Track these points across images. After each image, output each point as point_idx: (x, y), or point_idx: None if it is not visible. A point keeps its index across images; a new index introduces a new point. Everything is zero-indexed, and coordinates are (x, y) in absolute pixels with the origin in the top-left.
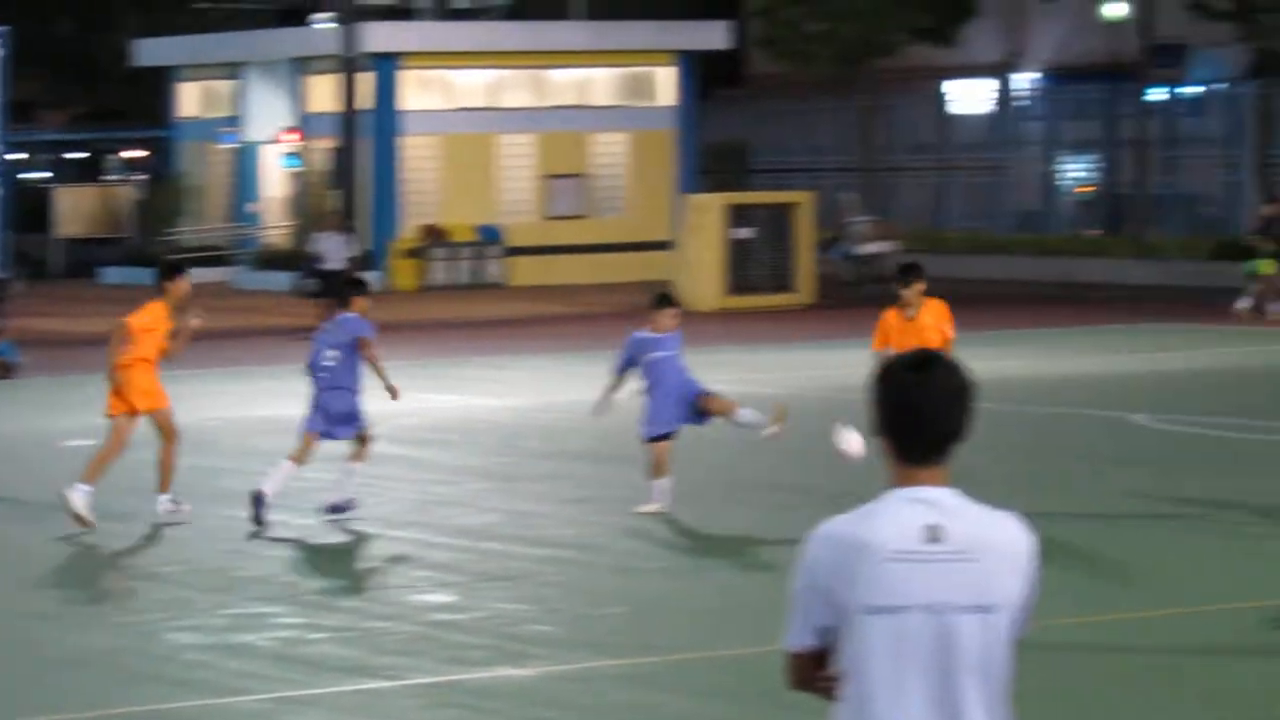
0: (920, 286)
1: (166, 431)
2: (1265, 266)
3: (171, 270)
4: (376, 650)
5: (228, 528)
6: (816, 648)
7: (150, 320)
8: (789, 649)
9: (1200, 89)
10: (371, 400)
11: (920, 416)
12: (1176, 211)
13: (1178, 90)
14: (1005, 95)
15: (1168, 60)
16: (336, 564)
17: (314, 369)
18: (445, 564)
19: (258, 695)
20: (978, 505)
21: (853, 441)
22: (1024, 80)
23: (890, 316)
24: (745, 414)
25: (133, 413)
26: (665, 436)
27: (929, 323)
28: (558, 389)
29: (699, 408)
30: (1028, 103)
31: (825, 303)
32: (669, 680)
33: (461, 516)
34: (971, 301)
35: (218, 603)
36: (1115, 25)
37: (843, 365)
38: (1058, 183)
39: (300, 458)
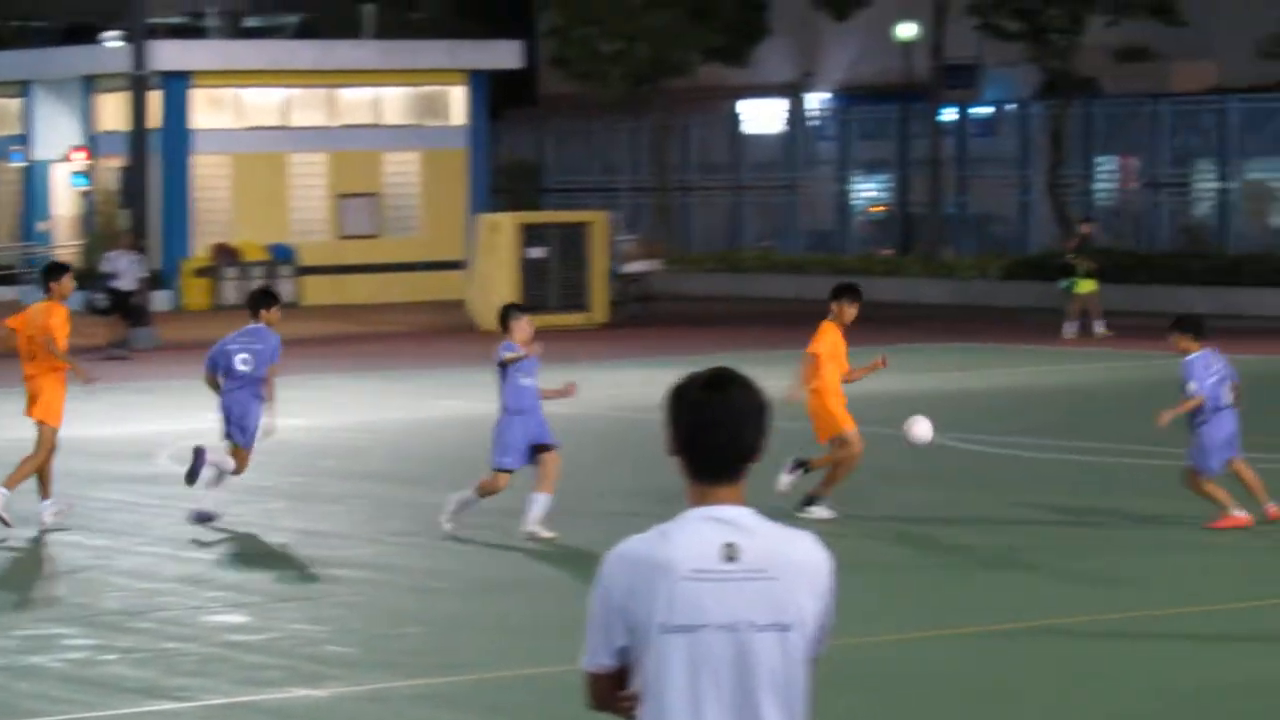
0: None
1: (43, 446)
2: (1084, 285)
3: (57, 270)
4: (170, 671)
5: (21, 549)
6: (615, 667)
7: (64, 324)
8: (587, 669)
9: (991, 109)
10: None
11: (713, 435)
12: (969, 231)
13: (970, 110)
14: (798, 115)
15: (959, 80)
16: (130, 585)
17: (227, 375)
18: (240, 584)
19: (48, 717)
20: (774, 524)
21: (921, 430)
22: (817, 100)
23: (833, 329)
24: (538, 506)
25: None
26: (511, 470)
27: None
28: (351, 409)
29: (534, 458)
30: (820, 123)
31: (618, 322)
32: (467, 699)
33: (256, 537)
34: (768, 321)
35: (8, 624)
36: (907, 45)
37: (636, 384)
38: (851, 202)
39: (238, 469)
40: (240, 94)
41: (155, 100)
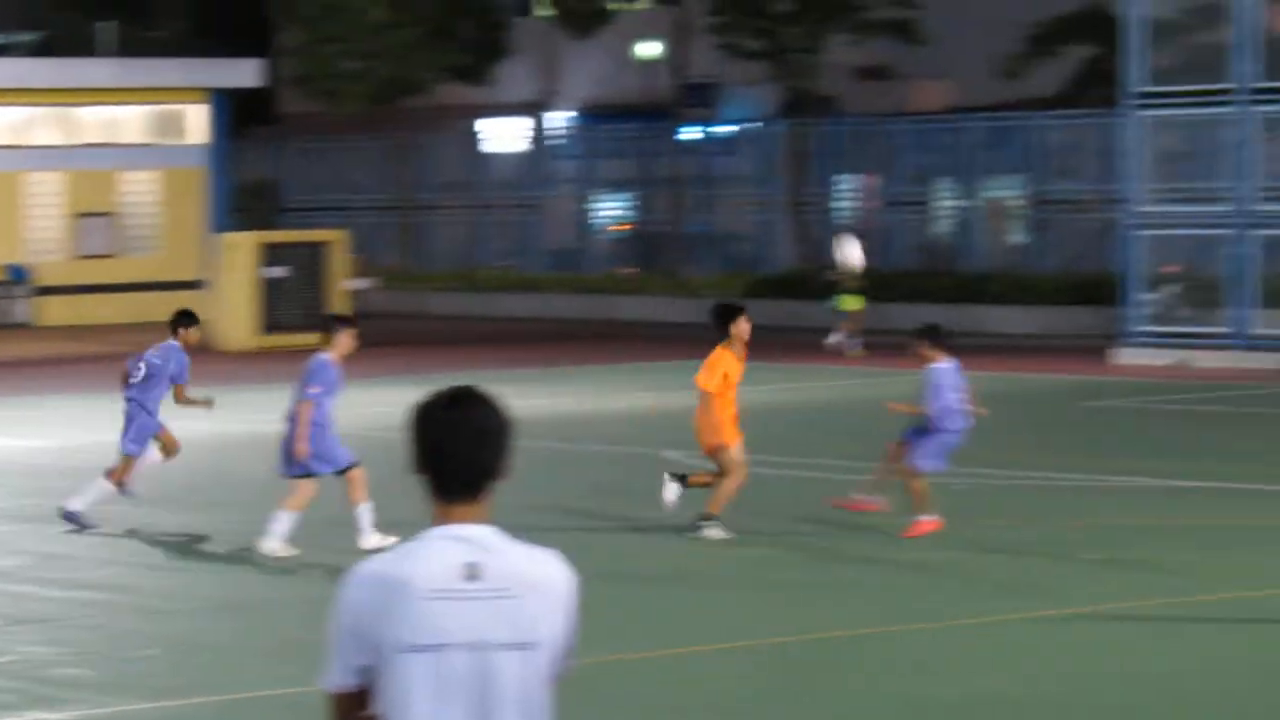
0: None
1: None
2: (850, 302)
3: None
4: None
5: None
6: (357, 687)
7: None
8: (328, 689)
9: (734, 128)
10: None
11: (455, 454)
12: (711, 250)
13: (711, 129)
14: (539, 134)
15: (700, 99)
16: None
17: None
18: None
19: None
20: (518, 542)
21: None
22: (559, 119)
23: (726, 354)
24: (365, 516)
25: None
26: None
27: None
28: (87, 430)
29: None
30: (562, 141)
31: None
32: None
33: None
34: (509, 340)
35: None
36: (649, 64)
37: (375, 403)
38: (592, 221)
39: (119, 477)
40: None
41: None
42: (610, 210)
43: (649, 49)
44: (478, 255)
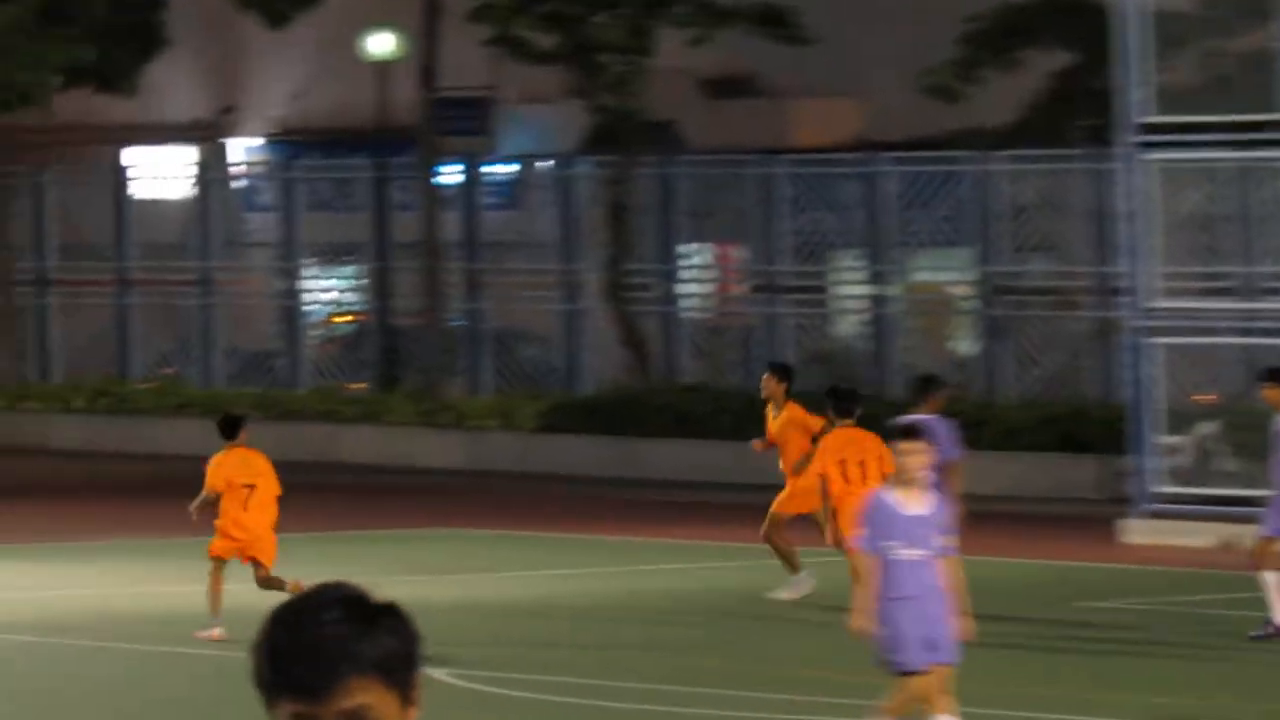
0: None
1: None
2: None
3: None
4: None
5: None
6: None
7: None
8: None
9: (516, 167)
10: None
11: None
12: (487, 355)
13: (483, 169)
14: (215, 171)
15: (465, 122)
16: None
17: None
18: None
19: None
20: None
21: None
22: (242, 148)
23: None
24: None
25: None
26: None
27: None
28: None
29: None
30: (249, 183)
31: None
32: None
33: None
34: (173, 489)
35: None
36: (383, 67)
37: None
38: (301, 307)
39: None
40: None
41: None
42: (325, 292)
43: (382, 44)
44: (124, 358)
